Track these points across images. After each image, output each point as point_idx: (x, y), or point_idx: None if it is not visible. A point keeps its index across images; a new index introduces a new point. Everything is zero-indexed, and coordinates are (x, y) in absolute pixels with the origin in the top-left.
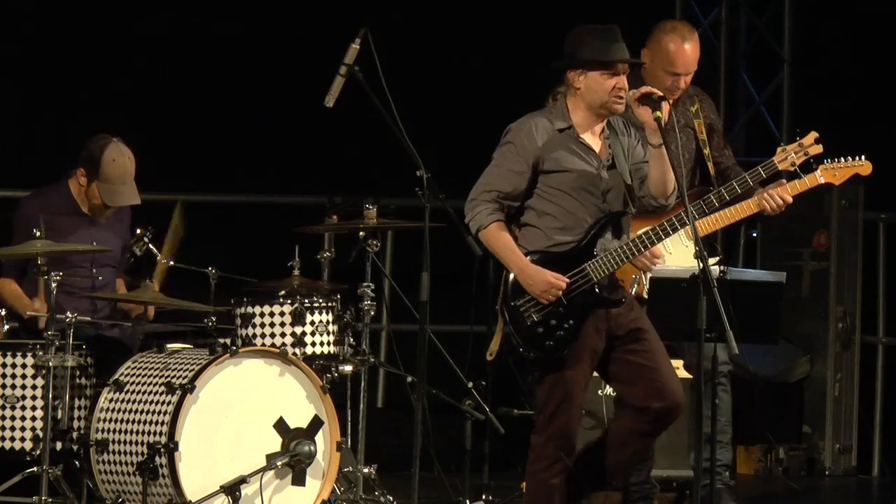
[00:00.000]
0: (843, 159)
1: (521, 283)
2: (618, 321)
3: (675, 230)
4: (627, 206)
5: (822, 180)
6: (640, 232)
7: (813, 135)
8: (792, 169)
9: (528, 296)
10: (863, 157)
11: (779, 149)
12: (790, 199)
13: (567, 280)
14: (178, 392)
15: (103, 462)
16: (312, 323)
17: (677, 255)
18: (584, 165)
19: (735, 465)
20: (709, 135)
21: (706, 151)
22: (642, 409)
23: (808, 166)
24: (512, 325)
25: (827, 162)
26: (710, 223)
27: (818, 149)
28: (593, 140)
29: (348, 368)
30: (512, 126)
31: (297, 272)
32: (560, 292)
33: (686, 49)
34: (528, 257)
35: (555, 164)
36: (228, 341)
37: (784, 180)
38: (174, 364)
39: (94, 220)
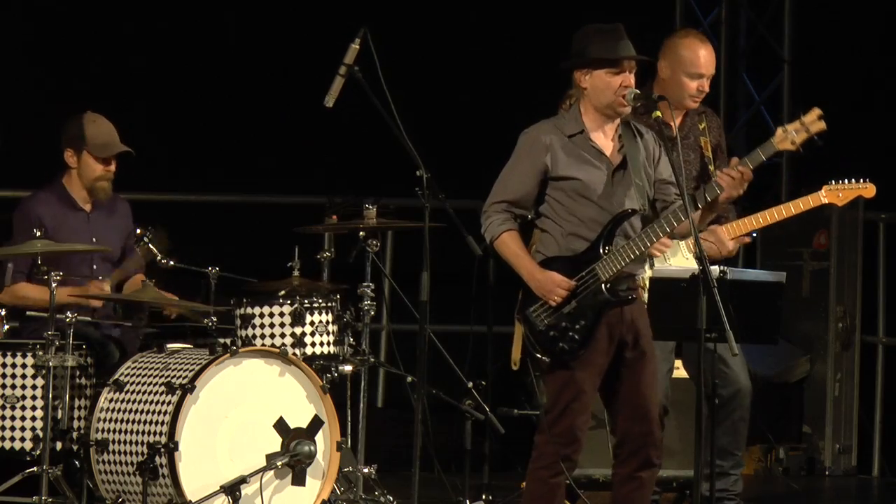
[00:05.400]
0: (846, 181)
1: (531, 288)
2: (629, 327)
3: (671, 227)
4: (642, 205)
5: (826, 200)
6: (644, 228)
7: (816, 111)
8: (793, 148)
9: (541, 301)
10: (867, 180)
11: (779, 129)
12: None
13: (572, 282)
14: (178, 392)
15: (103, 462)
16: (312, 323)
17: (676, 258)
18: (594, 171)
19: None
20: (714, 154)
21: (711, 168)
22: (621, 440)
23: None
24: (527, 331)
25: (832, 182)
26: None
27: (821, 125)
28: (605, 142)
29: (348, 368)
30: (522, 134)
31: (296, 273)
32: (565, 293)
33: (704, 50)
34: (546, 262)
35: (564, 171)
36: (228, 341)
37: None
38: (174, 364)
39: (92, 215)
